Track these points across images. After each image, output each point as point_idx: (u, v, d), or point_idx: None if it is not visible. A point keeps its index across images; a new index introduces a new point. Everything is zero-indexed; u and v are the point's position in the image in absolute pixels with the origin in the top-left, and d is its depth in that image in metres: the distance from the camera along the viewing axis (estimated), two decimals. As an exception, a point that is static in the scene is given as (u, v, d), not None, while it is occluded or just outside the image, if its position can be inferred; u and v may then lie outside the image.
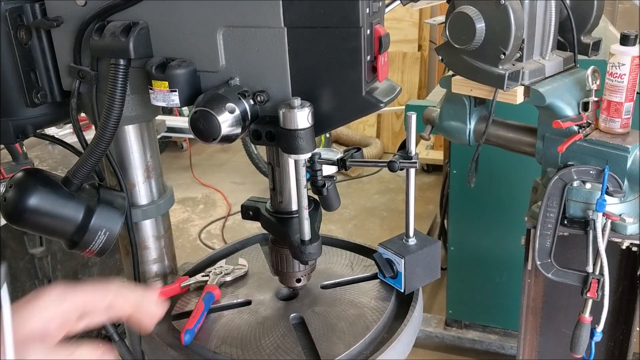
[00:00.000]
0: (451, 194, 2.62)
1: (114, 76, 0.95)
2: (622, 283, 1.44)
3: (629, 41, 1.23)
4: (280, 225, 1.06)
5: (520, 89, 1.28)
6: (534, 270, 1.43)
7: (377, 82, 0.94)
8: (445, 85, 1.42)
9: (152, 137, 1.17)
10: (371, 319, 1.07)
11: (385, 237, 1.16)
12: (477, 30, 1.20)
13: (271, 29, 0.89)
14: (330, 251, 1.30)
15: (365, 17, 0.86)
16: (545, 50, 1.33)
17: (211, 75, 0.94)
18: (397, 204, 4.44)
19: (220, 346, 1.02)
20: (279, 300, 1.15)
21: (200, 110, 0.88)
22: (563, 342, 1.51)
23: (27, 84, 1.04)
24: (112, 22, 0.96)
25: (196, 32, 0.92)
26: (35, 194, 0.97)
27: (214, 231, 4.24)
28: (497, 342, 2.78)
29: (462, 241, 2.68)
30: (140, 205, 1.18)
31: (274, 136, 0.91)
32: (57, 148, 2.37)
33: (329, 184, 1.07)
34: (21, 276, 2.31)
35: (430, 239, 1.14)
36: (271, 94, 0.93)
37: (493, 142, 1.47)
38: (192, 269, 1.26)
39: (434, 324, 2.92)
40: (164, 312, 0.79)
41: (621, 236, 1.30)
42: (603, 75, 1.28)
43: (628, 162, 1.25)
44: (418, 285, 1.13)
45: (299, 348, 1.01)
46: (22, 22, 1.01)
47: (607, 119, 1.28)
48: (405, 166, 1.04)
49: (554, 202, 1.31)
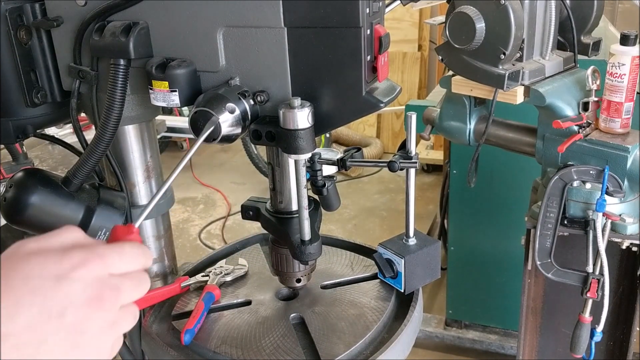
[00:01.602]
0: (451, 194, 2.62)
1: (114, 76, 0.95)
2: (622, 283, 1.44)
3: (629, 41, 1.23)
4: (280, 225, 1.06)
5: (520, 89, 1.28)
6: (534, 270, 1.43)
7: (377, 82, 0.94)
8: (445, 85, 1.42)
9: (152, 137, 1.17)
10: (371, 319, 1.07)
11: (385, 237, 1.16)
12: (477, 30, 1.20)
13: (271, 29, 0.89)
14: (330, 251, 1.30)
15: (365, 17, 0.86)
16: (545, 50, 1.33)
17: (211, 75, 0.94)
18: (397, 204, 4.44)
19: (220, 346, 1.02)
20: (279, 300, 1.15)
21: (200, 110, 0.88)
22: (563, 342, 1.51)
23: (27, 84, 1.04)
24: (112, 22, 0.96)
25: (196, 32, 0.92)
26: (35, 194, 0.97)
27: (214, 231, 4.24)
28: (497, 342, 2.78)
29: (462, 241, 2.68)
30: (140, 205, 1.18)
31: (274, 136, 0.91)
32: (57, 148, 2.37)
33: (329, 184, 1.07)
34: (21, 276, 2.31)
35: (430, 239, 1.14)
36: (271, 94, 0.93)
37: (493, 142, 1.47)
38: (192, 269, 1.26)
39: (434, 324, 2.92)
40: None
41: (621, 236, 1.30)
42: (603, 75, 1.28)
43: (628, 162, 1.25)
44: (418, 285, 1.13)
45: (299, 348, 1.01)
46: (22, 22, 1.01)
47: (607, 119, 1.28)
48: (405, 166, 1.04)
49: (554, 202, 1.31)
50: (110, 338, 0.62)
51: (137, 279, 0.66)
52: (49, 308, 0.57)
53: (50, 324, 0.57)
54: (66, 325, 0.58)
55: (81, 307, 0.59)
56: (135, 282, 0.66)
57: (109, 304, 0.61)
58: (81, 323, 0.59)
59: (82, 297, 0.59)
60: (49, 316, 0.57)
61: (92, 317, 0.60)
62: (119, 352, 1.13)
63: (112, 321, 0.62)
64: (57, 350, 0.58)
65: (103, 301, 0.60)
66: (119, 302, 0.62)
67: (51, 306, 0.58)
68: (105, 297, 0.60)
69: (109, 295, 0.61)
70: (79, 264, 0.60)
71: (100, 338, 0.61)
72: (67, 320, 0.58)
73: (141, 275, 0.67)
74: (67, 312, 0.58)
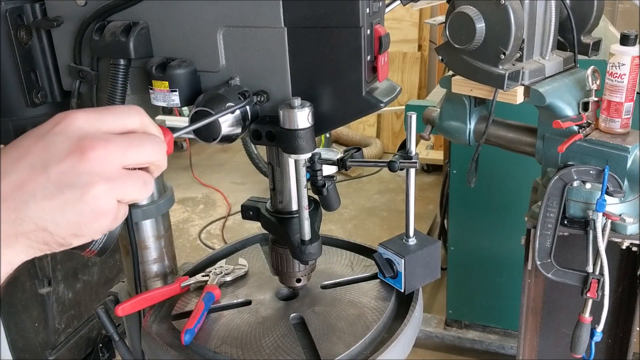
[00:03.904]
0: (451, 194, 2.62)
1: (114, 76, 0.95)
2: (622, 283, 1.44)
3: (629, 41, 1.23)
4: (280, 225, 1.06)
5: (520, 89, 1.28)
6: (534, 270, 1.43)
7: (377, 82, 0.94)
8: (445, 85, 1.42)
9: (152, 137, 1.17)
10: (371, 319, 1.07)
11: (385, 237, 1.16)
12: (477, 30, 1.20)
13: (271, 29, 0.89)
14: (330, 251, 1.30)
15: (365, 17, 0.86)
16: (545, 50, 1.33)
17: (211, 75, 0.94)
18: (397, 204, 4.44)
19: (220, 346, 1.02)
20: (279, 300, 1.15)
21: (200, 110, 0.88)
22: (563, 342, 1.51)
23: (27, 84, 1.04)
24: (112, 22, 0.96)
25: (196, 32, 0.92)
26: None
27: (214, 231, 4.24)
28: (497, 342, 2.78)
29: (462, 241, 2.68)
30: (141, 205, 1.18)
31: (274, 136, 0.91)
32: (57, 148, 2.37)
33: (329, 184, 1.07)
34: (21, 276, 2.31)
35: (430, 239, 1.14)
36: (271, 94, 0.93)
37: (493, 142, 1.47)
38: (192, 269, 1.26)
39: (434, 324, 2.92)
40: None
41: (621, 236, 1.30)
42: (603, 75, 1.28)
43: (628, 162, 1.25)
44: (418, 285, 1.13)
45: (299, 348, 1.01)
46: (22, 22, 1.01)
47: (607, 119, 1.28)
48: (405, 166, 1.04)
49: (554, 202, 1.31)
50: (108, 197, 0.59)
51: (139, 138, 0.63)
52: (32, 163, 0.57)
53: (37, 179, 0.57)
54: (52, 179, 0.57)
55: (63, 159, 0.57)
56: (137, 141, 0.62)
57: (95, 153, 0.58)
58: (66, 176, 0.57)
59: (63, 149, 0.58)
60: (33, 171, 0.57)
61: (77, 169, 0.57)
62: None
63: (107, 177, 0.59)
64: (48, 206, 0.57)
65: (86, 152, 0.58)
66: (112, 157, 0.59)
67: (34, 161, 0.57)
68: (87, 147, 0.58)
69: (93, 145, 0.58)
70: (62, 119, 0.59)
71: (95, 194, 0.58)
72: (51, 174, 0.57)
73: (145, 137, 0.64)
74: (49, 166, 0.57)
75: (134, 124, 0.64)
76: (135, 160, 0.62)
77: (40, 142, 0.58)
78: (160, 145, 0.65)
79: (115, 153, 0.60)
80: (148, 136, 0.64)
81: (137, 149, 0.62)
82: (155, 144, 0.64)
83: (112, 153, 0.59)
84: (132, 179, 0.61)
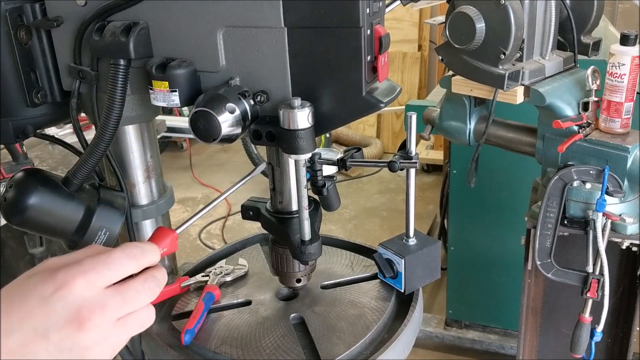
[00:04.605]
0: (451, 194, 2.62)
1: (114, 76, 0.95)
2: (622, 283, 1.44)
3: (629, 41, 1.23)
4: (280, 226, 1.06)
5: (520, 89, 1.28)
6: (534, 270, 1.43)
7: (377, 82, 0.94)
8: (445, 85, 1.42)
9: (152, 137, 1.17)
10: (371, 319, 1.07)
11: (385, 237, 1.16)
12: (477, 30, 1.20)
13: (271, 29, 0.89)
14: (330, 251, 1.30)
15: (365, 17, 0.86)
16: (545, 50, 1.33)
17: (211, 75, 0.94)
18: (397, 204, 4.44)
19: (220, 346, 1.02)
20: (279, 300, 1.15)
21: (200, 110, 0.88)
22: (563, 342, 1.51)
23: (27, 84, 1.04)
24: (112, 22, 0.96)
25: (196, 32, 0.92)
26: (35, 194, 0.97)
27: (214, 231, 4.24)
28: (497, 342, 2.78)
29: (462, 241, 2.68)
30: (141, 205, 1.18)
31: (274, 136, 0.91)
32: (57, 148, 2.37)
33: (329, 184, 1.07)
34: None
35: (430, 239, 1.14)
36: (271, 94, 0.93)
37: (493, 142, 1.47)
38: (192, 269, 1.26)
39: (434, 324, 2.92)
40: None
41: (621, 236, 1.30)
42: (603, 75, 1.28)
43: (628, 162, 1.25)
44: (418, 285, 1.13)
45: (299, 348, 1.01)
46: (22, 22, 1.01)
47: (607, 119, 1.28)
48: (405, 166, 1.04)
49: (554, 202, 1.31)
50: (106, 353, 0.64)
51: (135, 290, 0.67)
52: (34, 327, 0.61)
53: (39, 343, 0.61)
54: (53, 344, 0.61)
55: (62, 327, 0.61)
56: (132, 293, 0.67)
57: (91, 324, 0.62)
58: (65, 342, 0.61)
59: (63, 318, 0.61)
60: (35, 334, 0.60)
61: (75, 336, 0.62)
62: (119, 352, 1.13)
63: (100, 339, 0.63)
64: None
65: (83, 321, 0.62)
66: (108, 317, 0.64)
67: (37, 325, 0.61)
68: (84, 317, 0.62)
69: (89, 314, 0.63)
70: (61, 284, 0.63)
71: (93, 356, 0.63)
72: (52, 340, 0.61)
73: (141, 285, 0.68)
74: (50, 333, 0.61)
75: (131, 270, 0.69)
76: (132, 309, 0.67)
77: (43, 307, 0.62)
78: (156, 284, 0.70)
79: (112, 312, 0.65)
80: (144, 281, 0.69)
81: (133, 303, 0.67)
82: (151, 288, 0.70)
83: (109, 314, 0.65)
84: (127, 328, 0.67)
